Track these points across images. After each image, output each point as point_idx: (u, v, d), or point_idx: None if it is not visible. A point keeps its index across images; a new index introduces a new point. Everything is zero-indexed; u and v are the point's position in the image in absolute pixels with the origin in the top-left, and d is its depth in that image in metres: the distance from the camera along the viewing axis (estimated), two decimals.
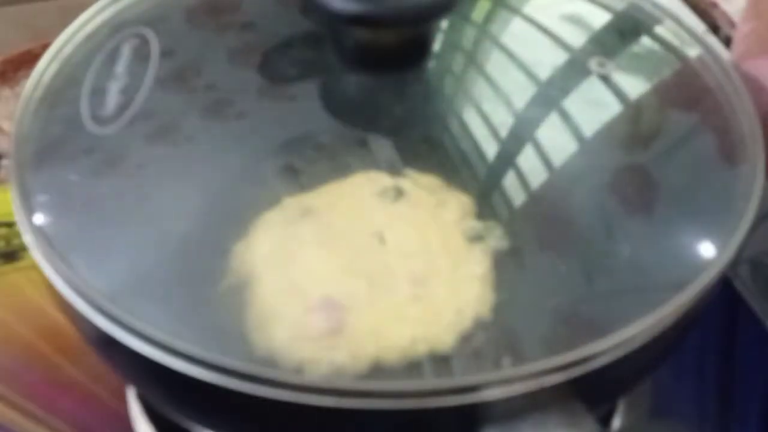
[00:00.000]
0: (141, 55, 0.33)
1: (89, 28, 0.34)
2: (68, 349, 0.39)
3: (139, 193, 0.29)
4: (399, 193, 0.28)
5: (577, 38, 0.35)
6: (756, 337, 0.40)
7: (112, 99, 0.31)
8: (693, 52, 0.35)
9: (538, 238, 0.28)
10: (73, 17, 0.34)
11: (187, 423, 0.30)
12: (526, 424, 0.24)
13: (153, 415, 0.36)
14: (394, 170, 0.29)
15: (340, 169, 0.29)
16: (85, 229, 0.28)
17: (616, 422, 0.37)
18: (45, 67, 0.33)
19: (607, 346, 0.25)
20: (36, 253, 0.28)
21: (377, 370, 0.25)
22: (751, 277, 0.41)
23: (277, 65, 0.32)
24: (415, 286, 0.26)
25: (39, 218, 0.28)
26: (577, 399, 0.25)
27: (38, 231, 0.28)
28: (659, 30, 0.36)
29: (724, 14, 0.43)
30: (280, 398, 0.24)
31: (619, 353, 0.25)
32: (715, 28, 0.44)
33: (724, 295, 0.40)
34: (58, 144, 0.31)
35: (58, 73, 0.33)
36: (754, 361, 0.41)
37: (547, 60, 0.33)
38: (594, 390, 0.26)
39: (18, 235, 0.29)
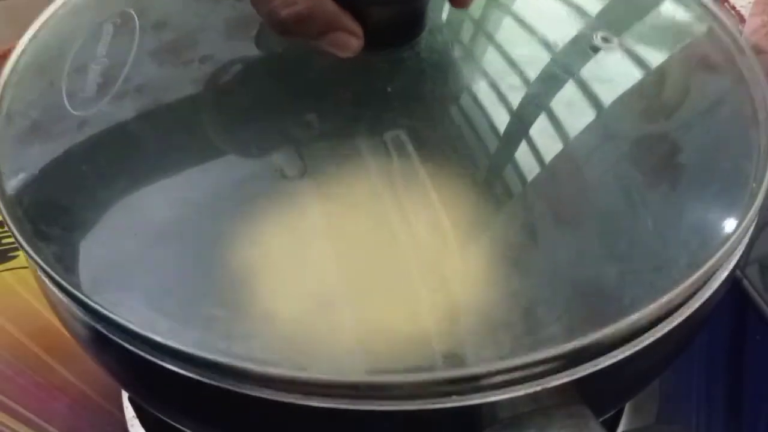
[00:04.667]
0: (124, 34, 0.32)
1: (70, 6, 0.33)
2: (61, 351, 0.39)
3: (131, 188, 0.28)
4: (403, 177, 0.27)
5: (583, 11, 0.34)
6: (765, 339, 0.40)
7: (95, 80, 0.30)
8: (703, 26, 0.34)
9: (540, 228, 0.27)
10: None
11: (180, 426, 0.29)
12: (530, 427, 0.24)
13: (147, 418, 0.36)
14: (397, 154, 0.28)
15: (339, 156, 0.28)
16: (76, 227, 0.28)
17: (623, 426, 0.36)
18: (24, 49, 0.32)
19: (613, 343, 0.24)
20: (27, 252, 0.27)
21: (378, 367, 0.24)
22: (760, 279, 0.40)
23: (269, 43, 0.31)
24: (418, 277, 0.25)
25: (28, 216, 0.27)
26: (583, 402, 0.24)
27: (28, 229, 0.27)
28: (669, 2, 0.35)
29: (732, 8, 0.43)
30: (277, 399, 0.24)
31: (626, 354, 0.24)
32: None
33: (732, 297, 0.40)
34: (41, 131, 0.29)
35: (39, 54, 0.32)
36: (763, 364, 0.40)
37: (553, 34, 0.32)
38: (600, 392, 0.26)
39: (8, 234, 0.28)
